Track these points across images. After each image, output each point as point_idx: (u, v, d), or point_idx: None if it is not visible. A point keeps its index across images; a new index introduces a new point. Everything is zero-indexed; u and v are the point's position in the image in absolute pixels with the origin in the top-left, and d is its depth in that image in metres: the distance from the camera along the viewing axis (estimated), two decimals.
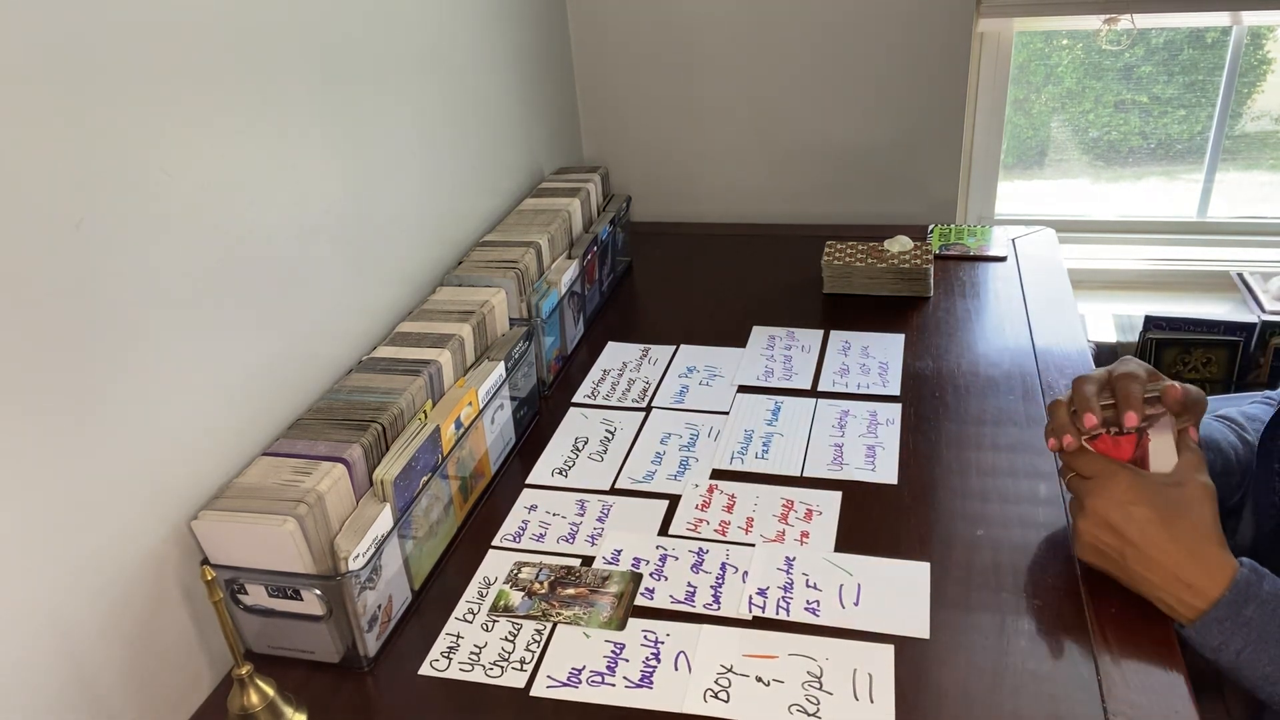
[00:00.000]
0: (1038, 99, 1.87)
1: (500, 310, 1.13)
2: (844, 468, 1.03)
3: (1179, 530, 0.75)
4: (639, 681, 0.79)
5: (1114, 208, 1.92)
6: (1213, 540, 0.74)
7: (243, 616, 0.81)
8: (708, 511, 0.98)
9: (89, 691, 0.72)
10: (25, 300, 0.64)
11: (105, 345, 0.71)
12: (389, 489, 0.83)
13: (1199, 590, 0.73)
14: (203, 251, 0.81)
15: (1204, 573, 0.73)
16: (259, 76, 0.87)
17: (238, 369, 0.86)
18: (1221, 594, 0.72)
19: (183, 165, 0.78)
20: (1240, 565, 0.74)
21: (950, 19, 1.54)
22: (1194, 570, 0.74)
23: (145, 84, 0.74)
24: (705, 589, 0.87)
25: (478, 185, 1.35)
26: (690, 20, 1.63)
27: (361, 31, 1.04)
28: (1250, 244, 1.84)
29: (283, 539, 0.75)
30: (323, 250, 0.99)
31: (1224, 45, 1.71)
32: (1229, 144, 1.79)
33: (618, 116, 1.75)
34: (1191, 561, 0.74)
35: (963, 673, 0.77)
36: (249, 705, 0.71)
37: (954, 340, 1.27)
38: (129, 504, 0.74)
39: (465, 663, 0.82)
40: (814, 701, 0.75)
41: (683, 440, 1.10)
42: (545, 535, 0.96)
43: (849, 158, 1.69)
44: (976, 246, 1.53)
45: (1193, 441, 0.80)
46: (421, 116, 1.18)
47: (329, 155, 0.99)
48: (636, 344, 1.32)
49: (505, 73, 1.42)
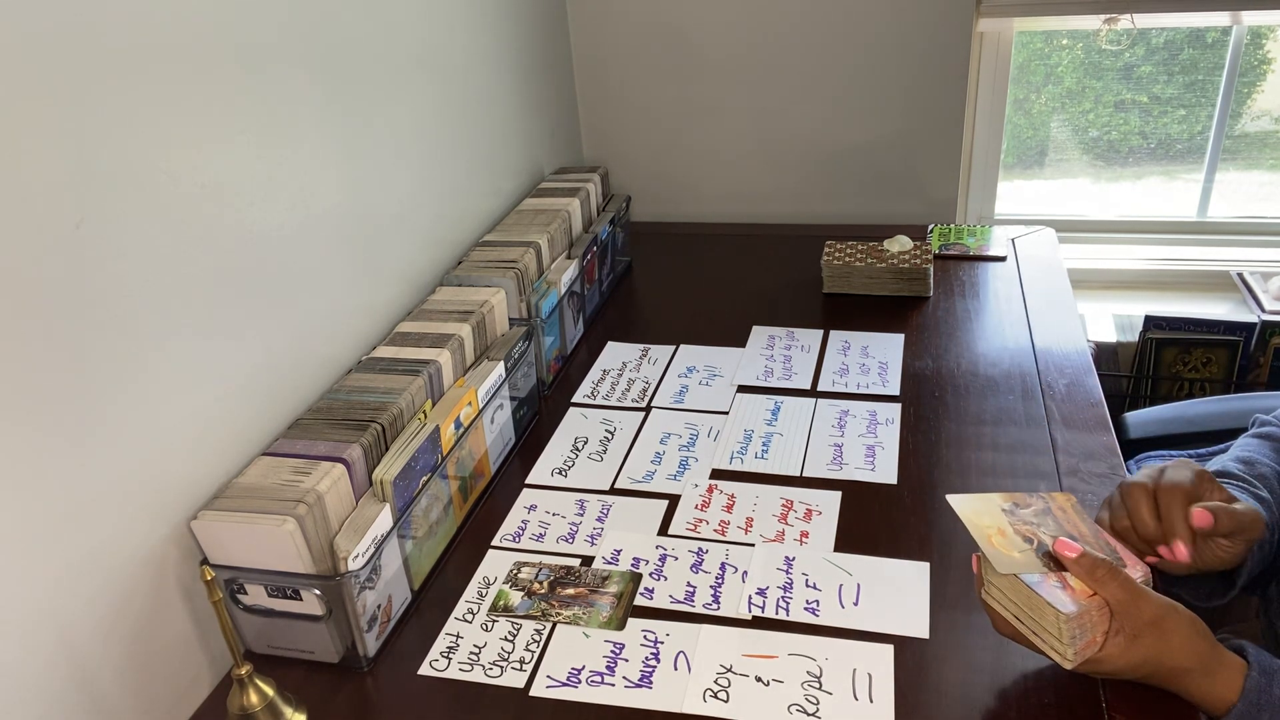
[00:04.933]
0: (1038, 99, 1.87)
1: (500, 310, 1.13)
2: (844, 468, 1.03)
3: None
4: (639, 681, 0.79)
5: (1114, 208, 1.92)
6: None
7: (242, 616, 0.81)
8: (707, 511, 0.98)
9: (89, 691, 0.72)
10: (25, 300, 0.64)
11: (105, 345, 0.71)
12: (389, 489, 0.83)
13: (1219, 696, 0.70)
14: (203, 251, 0.81)
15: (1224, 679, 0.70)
16: (260, 77, 0.87)
17: (237, 369, 0.86)
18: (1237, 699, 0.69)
19: (183, 165, 0.78)
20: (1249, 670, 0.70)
21: (950, 19, 1.54)
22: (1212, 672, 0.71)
23: (146, 84, 0.74)
24: (705, 589, 0.87)
25: (477, 185, 1.35)
26: (690, 20, 1.63)
27: (362, 32, 1.04)
28: (1250, 244, 1.84)
29: (282, 539, 0.75)
30: (323, 250, 0.99)
31: (1224, 45, 1.71)
32: (1229, 144, 1.79)
33: (618, 116, 1.75)
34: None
35: (962, 673, 0.77)
36: (249, 705, 0.71)
37: (954, 340, 1.27)
38: (129, 504, 0.74)
39: (465, 663, 0.82)
40: (814, 701, 0.75)
41: (682, 440, 1.10)
42: (545, 535, 0.96)
43: (849, 158, 1.69)
44: (976, 246, 1.53)
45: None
46: (421, 117, 1.18)
47: (329, 155, 0.99)
48: (636, 344, 1.32)
49: (505, 73, 1.42)
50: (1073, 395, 1.13)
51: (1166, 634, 0.69)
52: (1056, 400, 1.12)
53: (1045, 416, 1.09)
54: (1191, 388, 1.68)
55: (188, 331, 0.80)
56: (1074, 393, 1.13)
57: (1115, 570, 0.70)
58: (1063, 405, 1.11)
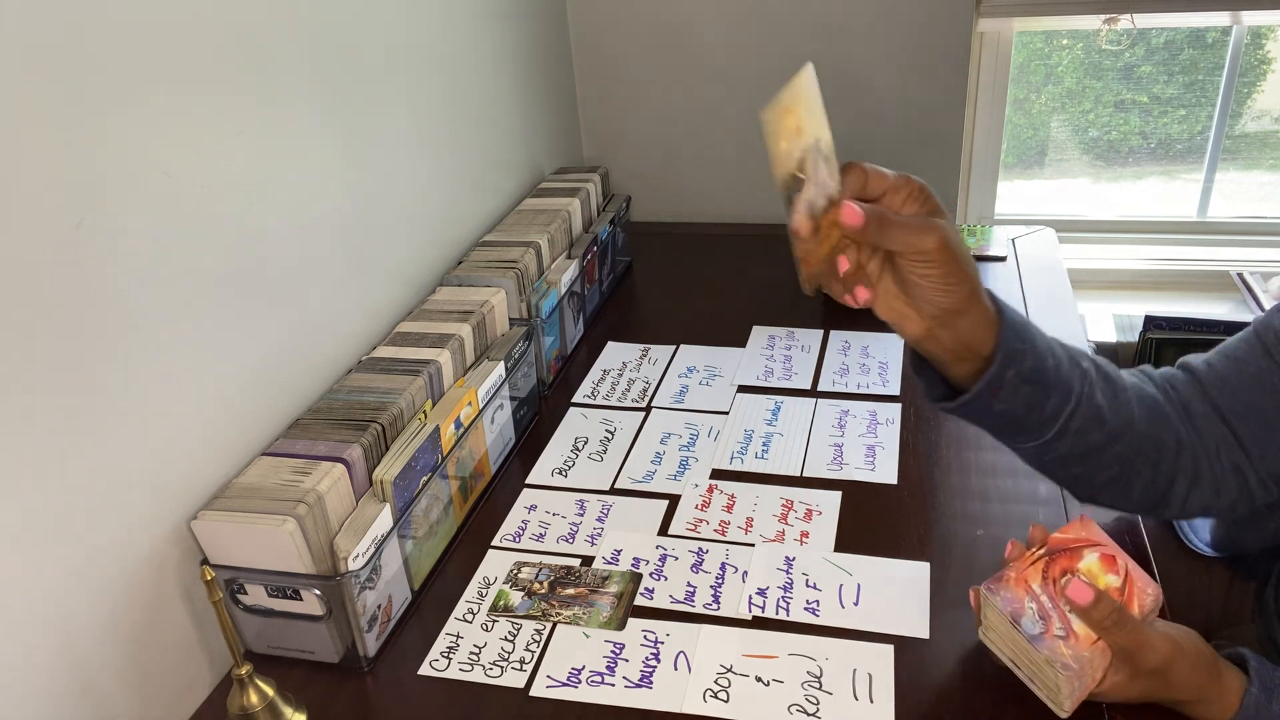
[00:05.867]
0: (1038, 99, 1.87)
1: (500, 310, 1.13)
2: (844, 468, 1.03)
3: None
4: (639, 681, 0.79)
5: (1114, 208, 1.92)
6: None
7: (243, 616, 0.81)
8: (707, 511, 0.98)
9: (89, 691, 0.72)
10: (25, 300, 0.64)
11: (105, 345, 0.71)
12: (389, 489, 0.83)
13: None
14: (203, 251, 0.81)
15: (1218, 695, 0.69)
16: (259, 77, 0.87)
17: (238, 369, 0.86)
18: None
19: (183, 165, 0.78)
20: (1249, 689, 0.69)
21: (950, 19, 1.54)
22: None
23: (146, 84, 0.74)
24: (705, 589, 0.87)
25: (478, 185, 1.35)
26: (690, 20, 1.63)
27: (362, 32, 1.04)
28: (1250, 244, 1.84)
29: (282, 539, 0.75)
30: (323, 250, 0.99)
31: (1224, 45, 1.71)
32: (1229, 144, 1.79)
33: (618, 116, 1.75)
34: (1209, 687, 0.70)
35: (962, 673, 0.77)
36: (249, 705, 0.71)
37: None
38: (129, 504, 0.74)
39: (465, 663, 0.82)
40: (814, 701, 0.75)
41: (682, 440, 1.10)
42: (545, 535, 0.96)
43: (849, 157, 1.68)
44: (976, 246, 1.53)
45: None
46: (421, 116, 1.18)
47: (329, 155, 0.99)
48: (636, 344, 1.32)
49: (505, 73, 1.42)
50: None
51: (1168, 675, 0.68)
52: None
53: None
54: None
55: (188, 331, 0.80)
56: None
57: (1124, 618, 0.67)
58: None
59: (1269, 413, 0.74)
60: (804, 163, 0.63)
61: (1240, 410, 0.75)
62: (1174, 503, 0.76)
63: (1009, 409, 0.68)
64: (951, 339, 0.66)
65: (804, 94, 0.64)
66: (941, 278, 0.62)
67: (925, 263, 0.62)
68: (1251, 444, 0.75)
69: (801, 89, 0.65)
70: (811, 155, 0.64)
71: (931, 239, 0.61)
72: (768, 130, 0.63)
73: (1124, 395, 0.73)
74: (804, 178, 0.63)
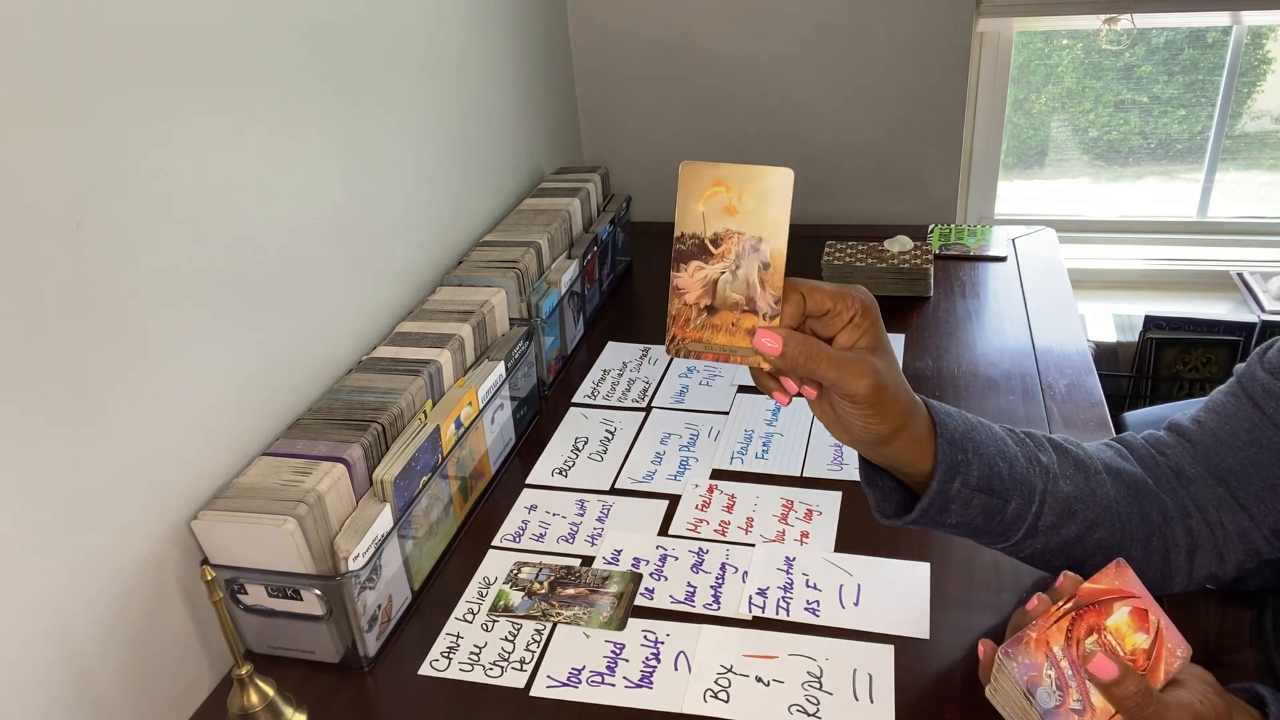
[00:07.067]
0: (1038, 99, 1.87)
1: (500, 310, 1.13)
2: (844, 468, 1.03)
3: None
4: (639, 681, 0.79)
5: (1114, 208, 1.92)
6: None
7: (243, 616, 0.81)
8: (708, 511, 0.98)
9: (89, 692, 0.72)
10: (25, 300, 0.64)
11: (105, 345, 0.71)
12: (389, 489, 0.83)
13: None
14: (203, 252, 0.81)
15: None
16: (259, 77, 0.87)
17: (237, 369, 0.86)
18: None
19: (183, 166, 0.78)
20: None
21: (950, 19, 1.54)
22: None
23: (145, 84, 0.74)
24: (705, 589, 0.87)
25: (478, 185, 1.35)
26: (690, 20, 1.63)
27: (362, 32, 1.04)
28: (1250, 244, 1.84)
29: (283, 539, 0.75)
30: (323, 250, 0.99)
31: (1224, 45, 1.71)
32: (1229, 144, 1.79)
33: (618, 116, 1.75)
34: None
35: (962, 673, 0.77)
36: (249, 705, 0.71)
37: (954, 340, 1.27)
38: (129, 504, 0.74)
39: (465, 663, 0.82)
40: (814, 702, 0.75)
41: (683, 440, 1.10)
42: (545, 535, 0.96)
43: (849, 158, 1.69)
44: (976, 246, 1.53)
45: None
46: (421, 116, 1.18)
47: (329, 155, 0.99)
48: (636, 344, 1.32)
49: (505, 73, 1.42)
50: (1073, 395, 1.13)
51: None
52: (1057, 400, 1.12)
53: (1045, 416, 1.09)
54: (1191, 388, 1.68)
55: (188, 331, 0.80)
56: (1074, 393, 1.13)
57: (1148, 699, 0.60)
58: (1063, 405, 1.11)
59: (1265, 468, 0.72)
60: (725, 243, 0.61)
61: (1236, 469, 0.73)
62: (1177, 577, 0.74)
63: (964, 520, 0.66)
64: (883, 459, 0.64)
65: (764, 190, 0.61)
66: (867, 416, 0.61)
67: (853, 404, 0.60)
68: (1252, 502, 0.72)
69: (764, 184, 0.61)
70: (740, 247, 0.61)
71: (863, 384, 0.59)
72: (683, 183, 0.61)
73: (1096, 479, 0.71)
74: (713, 252, 0.61)
